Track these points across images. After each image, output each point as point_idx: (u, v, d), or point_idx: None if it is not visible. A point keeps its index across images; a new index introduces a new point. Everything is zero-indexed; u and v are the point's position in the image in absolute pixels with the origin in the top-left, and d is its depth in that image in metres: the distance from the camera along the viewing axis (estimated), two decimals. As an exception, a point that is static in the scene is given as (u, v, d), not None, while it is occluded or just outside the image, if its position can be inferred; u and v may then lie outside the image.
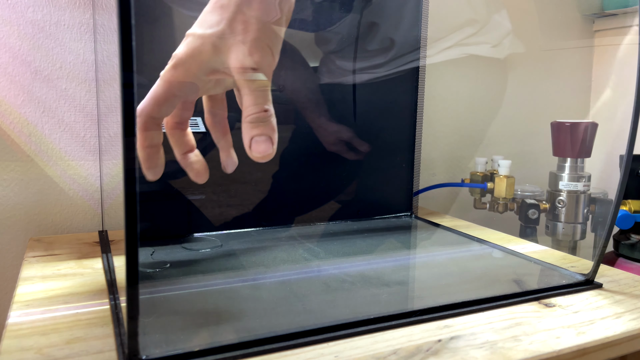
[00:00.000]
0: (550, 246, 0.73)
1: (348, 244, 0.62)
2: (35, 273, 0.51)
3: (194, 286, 0.48)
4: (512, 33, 0.97)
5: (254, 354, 0.35)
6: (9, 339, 0.37)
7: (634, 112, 0.45)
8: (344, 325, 0.39)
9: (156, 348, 0.35)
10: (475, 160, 0.89)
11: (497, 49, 0.81)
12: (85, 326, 0.39)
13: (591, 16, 1.07)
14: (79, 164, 0.68)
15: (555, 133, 0.84)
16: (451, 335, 0.39)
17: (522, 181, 0.96)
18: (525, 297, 0.46)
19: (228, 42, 0.39)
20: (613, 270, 0.55)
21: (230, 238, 0.63)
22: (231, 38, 0.39)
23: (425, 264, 0.57)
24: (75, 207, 0.69)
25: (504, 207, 0.85)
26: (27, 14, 0.64)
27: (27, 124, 0.65)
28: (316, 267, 0.54)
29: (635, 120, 0.45)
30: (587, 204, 0.83)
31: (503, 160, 0.84)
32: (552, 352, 0.36)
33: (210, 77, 0.41)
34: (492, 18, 0.75)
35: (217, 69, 0.40)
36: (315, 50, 0.68)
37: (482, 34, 0.71)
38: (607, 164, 1.05)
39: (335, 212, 0.72)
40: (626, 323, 0.41)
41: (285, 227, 0.68)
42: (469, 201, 0.90)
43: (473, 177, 0.88)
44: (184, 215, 0.63)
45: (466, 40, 0.70)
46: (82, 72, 0.67)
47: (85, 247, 0.60)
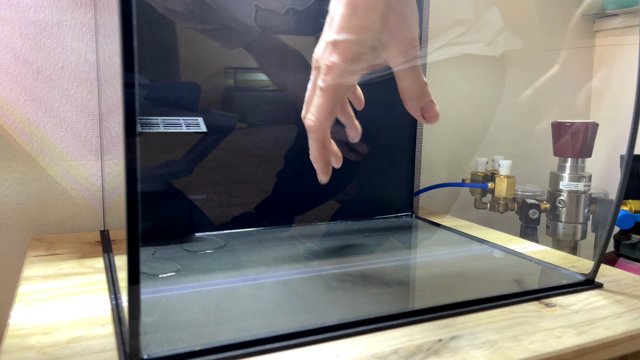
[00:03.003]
0: (551, 246, 0.73)
1: (349, 244, 0.62)
2: (37, 272, 0.51)
3: (194, 285, 0.48)
4: (512, 33, 0.97)
5: (255, 353, 0.35)
6: (10, 339, 0.37)
7: (635, 112, 0.45)
8: (345, 324, 0.39)
9: (157, 347, 0.35)
10: (475, 160, 0.89)
11: (491, 46, 0.81)
12: (86, 326, 0.39)
13: (592, 16, 1.07)
14: (80, 163, 0.68)
15: (556, 133, 0.84)
16: (452, 334, 0.39)
17: (522, 181, 0.97)
18: (526, 297, 0.46)
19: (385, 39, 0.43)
20: (614, 270, 0.55)
21: (232, 238, 0.63)
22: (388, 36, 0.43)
23: (426, 264, 0.57)
24: (77, 206, 0.69)
25: (504, 207, 0.85)
26: (29, 15, 0.64)
27: (29, 124, 0.66)
28: (317, 266, 0.54)
29: (635, 120, 0.45)
30: (588, 204, 0.83)
31: (504, 160, 0.84)
32: (552, 351, 0.36)
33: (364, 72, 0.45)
34: (486, 16, 0.75)
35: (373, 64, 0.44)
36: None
37: (476, 32, 0.71)
38: (607, 164, 1.05)
39: (336, 212, 0.72)
40: (627, 323, 0.41)
41: (286, 227, 0.69)
42: (470, 201, 0.91)
43: (474, 177, 0.88)
44: (185, 215, 0.63)
45: (460, 39, 0.70)
46: (83, 72, 0.67)
47: (86, 247, 0.60)
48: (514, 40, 0.97)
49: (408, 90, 0.46)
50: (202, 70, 0.63)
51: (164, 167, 0.62)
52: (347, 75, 0.43)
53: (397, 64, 0.45)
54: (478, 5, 0.89)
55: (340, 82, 0.43)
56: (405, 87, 0.46)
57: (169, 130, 0.59)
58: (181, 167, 0.63)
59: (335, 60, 0.42)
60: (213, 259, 0.55)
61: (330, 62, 0.42)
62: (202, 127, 0.61)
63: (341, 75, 0.43)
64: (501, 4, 0.96)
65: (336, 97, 0.44)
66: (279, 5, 0.63)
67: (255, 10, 0.62)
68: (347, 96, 0.47)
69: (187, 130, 0.60)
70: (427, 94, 0.46)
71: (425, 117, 0.46)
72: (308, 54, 0.68)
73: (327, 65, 0.43)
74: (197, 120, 0.61)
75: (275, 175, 0.68)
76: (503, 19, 0.93)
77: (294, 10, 0.64)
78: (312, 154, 0.47)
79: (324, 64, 0.43)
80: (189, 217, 0.63)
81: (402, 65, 0.45)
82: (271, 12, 0.63)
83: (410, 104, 0.46)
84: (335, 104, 0.44)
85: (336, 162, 0.51)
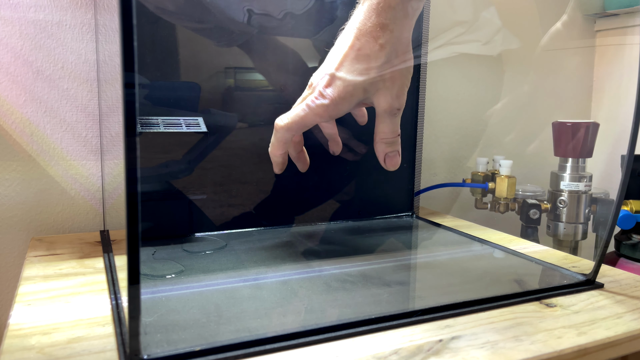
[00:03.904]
0: (552, 246, 0.73)
1: (349, 244, 0.62)
2: (37, 272, 0.51)
3: (195, 286, 0.48)
4: (511, 33, 0.97)
5: (255, 353, 0.35)
6: (10, 339, 0.37)
7: (635, 112, 0.45)
8: (345, 325, 0.39)
9: (157, 347, 0.35)
10: (476, 160, 0.89)
11: (489, 46, 0.81)
12: (86, 326, 0.39)
13: (592, 16, 1.07)
14: (80, 163, 0.68)
15: (556, 133, 0.84)
16: (452, 335, 0.39)
17: (523, 181, 0.96)
18: (527, 297, 0.46)
19: (377, 86, 0.47)
20: (614, 271, 0.55)
21: (232, 238, 0.63)
22: (380, 84, 0.47)
23: (426, 264, 0.57)
24: (77, 206, 0.69)
25: (505, 207, 0.85)
26: (29, 14, 0.64)
27: (28, 124, 0.66)
28: (317, 266, 0.54)
29: (636, 120, 0.45)
30: (589, 204, 0.83)
31: (504, 160, 0.84)
32: (553, 352, 0.36)
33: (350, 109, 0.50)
34: (484, 15, 0.75)
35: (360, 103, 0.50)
36: (313, 52, 0.68)
37: (474, 32, 0.71)
38: (608, 164, 1.05)
39: (336, 212, 0.72)
40: (627, 323, 0.41)
41: (286, 227, 0.69)
42: (470, 201, 0.90)
43: (474, 177, 0.88)
44: (185, 215, 0.63)
45: (458, 39, 0.71)
46: (83, 72, 0.67)
47: (86, 247, 0.60)
48: (512, 39, 0.97)
49: (382, 134, 0.51)
50: (202, 70, 0.63)
51: (164, 167, 0.62)
52: (334, 108, 0.48)
53: (381, 110, 0.49)
54: (477, 5, 0.89)
55: (325, 110, 0.48)
56: (380, 131, 0.51)
57: (169, 130, 0.59)
58: (181, 167, 0.62)
59: (329, 93, 0.47)
60: (213, 259, 0.55)
61: (326, 93, 0.47)
62: (202, 127, 0.61)
63: (329, 107, 0.48)
64: (501, 4, 0.96)
65: (315, 119, 0.49)
66: (276, 10, 0.63)
67: (249, 15, 0.62)
68: (338, 116, 0.51)
69: (187, 130, 0.60)
70: (396, 144, 0.51)
71: (386, 163, 0.52)
72: (305, 53, 0.68)
73: (321, 92, 0.48)
74: (197, 120, 0.61)
75: (275, 175, 0.68)
76: (502, 19, 0.93)
77: (292, 15, 0.64)
78: (270, 148, 0.53)
79: (318, 90, 0.48)
80: (189, 217, 0.63)
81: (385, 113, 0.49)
82: (266, 16, 0.63)
83: (379, 146, 0.51)
84: (310, 122, 0.49)
85: (302, 166, 0.58)
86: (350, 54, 0.47)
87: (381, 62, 0.46)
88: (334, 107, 0.48)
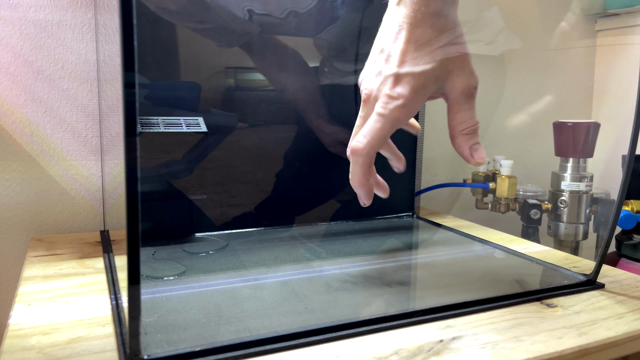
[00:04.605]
0: (552, 246, 0.73)
1: (349, 244, 0.62)
2: (37, 273, 0.51)
3: (195, 286, 0.48)
4: (514, 33, 0.97)
5: (255, 354, 0.35)
6: (10, 339, 0.37)
7: (636, 112, 0.45)
8: (346, 325, 0.39)
9: (157, 348, 0.35)
10: (477, 160, 0.89)
11: (491, 46, 0.81)
12: (86, 326, 0.39)
13: (593, 16, 1.07)
14: (80, 163, 0.68)
15: (557, 133, 0.84)
16: (453, 335, 0.39)
17: (524, 181, 0.96)
18: (527, 298, 0.46)
19: (448, 68, 0.43)
20: (615, 271, 0.54)
21: (232, 238, 0.63)
22: (451, 65, 0.43)
23: (427, 264, 0.57)
24: (77, 206, 0.69)
25: (505, 207, 0.85)
26: (29, 14, 0.64)
27: (29, 124, 0.66)
28: (318, 267, 0.54)
29: (637, 120, 0.45)
30: (589, 204, 0.83)
31: (505, 160, 0.84)
32: (554, 352, 0.36)
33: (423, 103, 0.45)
34: (486, 15, 0.75)
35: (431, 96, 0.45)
36: (315, 52, 0.68)
37: (476, 32, 0.71)
38: (609, 164, 1.05)
39: (337, 212, 0.72)
40: (628, 323, 0.41)
41: (286, 227, 0.68)
42: (471, 201, 0.90)
43: (475, 177, 0.87)
44: (185, 215, 0.63)
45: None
46: (83, 72, 0.67)
47: (86, 247, 0.60)
48: (515, 39, 0.96)
49: (462, 124, 0.45)
50: (202, 70, 0.63)
51: (164, 167, 0.62)
52: (411, 106, 0.43)
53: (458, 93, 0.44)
54: (479, 5, 0.89)
55: (402, 111, 0.43)
56: (459, 122, 0.45)
57: (169, 130, 0.59)
58: (181, 167, 0.62)
59: (401, 92, 0.43)
60: (213, 259, 0.55)
61: (396, 93, 0.43)
62: (203, 127, 0.61)
63: (405, 105, 0.43)
64: (502, 4, 0.96)
65: (394, 125, 0.44)
66: (278, 9, 0.63)
67: (249, 15, 0.61)
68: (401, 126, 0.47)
69: (187, 130, 0.60)
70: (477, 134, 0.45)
71: (474, 157, 0.45)
72: (306, 53, 0.68)
73: (391, 95, 0.43)
74: (198, 120, 0.61)
75: (276, 175, 0.68)
76: (504, 19, 0.93)
77: (295, 13, 0.64)
78: (355, 178, 0.46)
79: (385, 94, 0.44)
80: (189, 217, 0.63)
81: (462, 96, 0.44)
82: (268, 16, 0.63)
83: (460, 140, 0.45)
84: (390, 132, 0.44)
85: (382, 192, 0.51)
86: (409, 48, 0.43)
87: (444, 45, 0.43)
88: (410, 105, 0.43)
